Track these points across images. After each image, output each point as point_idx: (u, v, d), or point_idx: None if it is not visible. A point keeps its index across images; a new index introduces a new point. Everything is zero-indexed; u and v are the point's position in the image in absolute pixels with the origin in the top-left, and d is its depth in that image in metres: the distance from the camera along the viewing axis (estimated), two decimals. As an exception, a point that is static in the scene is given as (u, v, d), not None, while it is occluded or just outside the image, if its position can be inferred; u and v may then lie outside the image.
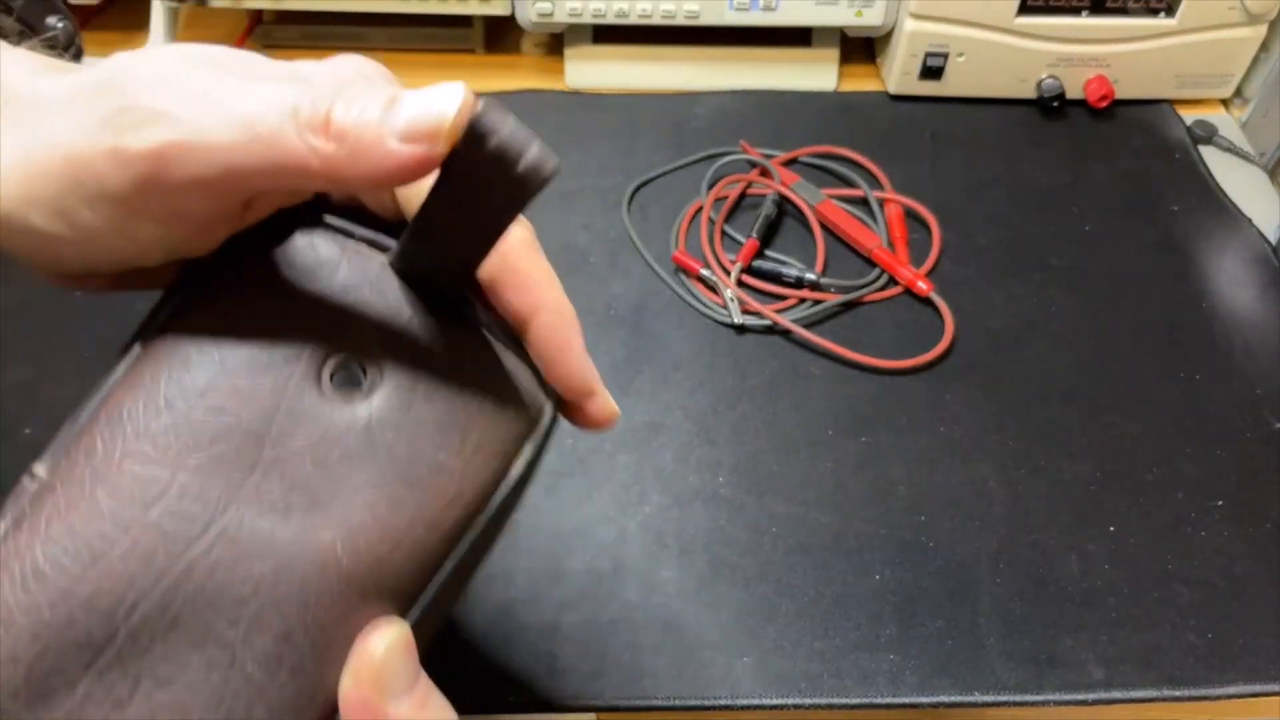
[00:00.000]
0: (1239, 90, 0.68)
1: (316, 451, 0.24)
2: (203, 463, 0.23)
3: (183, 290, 0.25)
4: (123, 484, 0.23)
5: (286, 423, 0.24)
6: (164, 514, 0.22)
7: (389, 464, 0.24)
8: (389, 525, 0.24)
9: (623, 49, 0.69)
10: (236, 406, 0.23)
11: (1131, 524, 0.45)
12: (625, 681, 0.40)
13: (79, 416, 0.25)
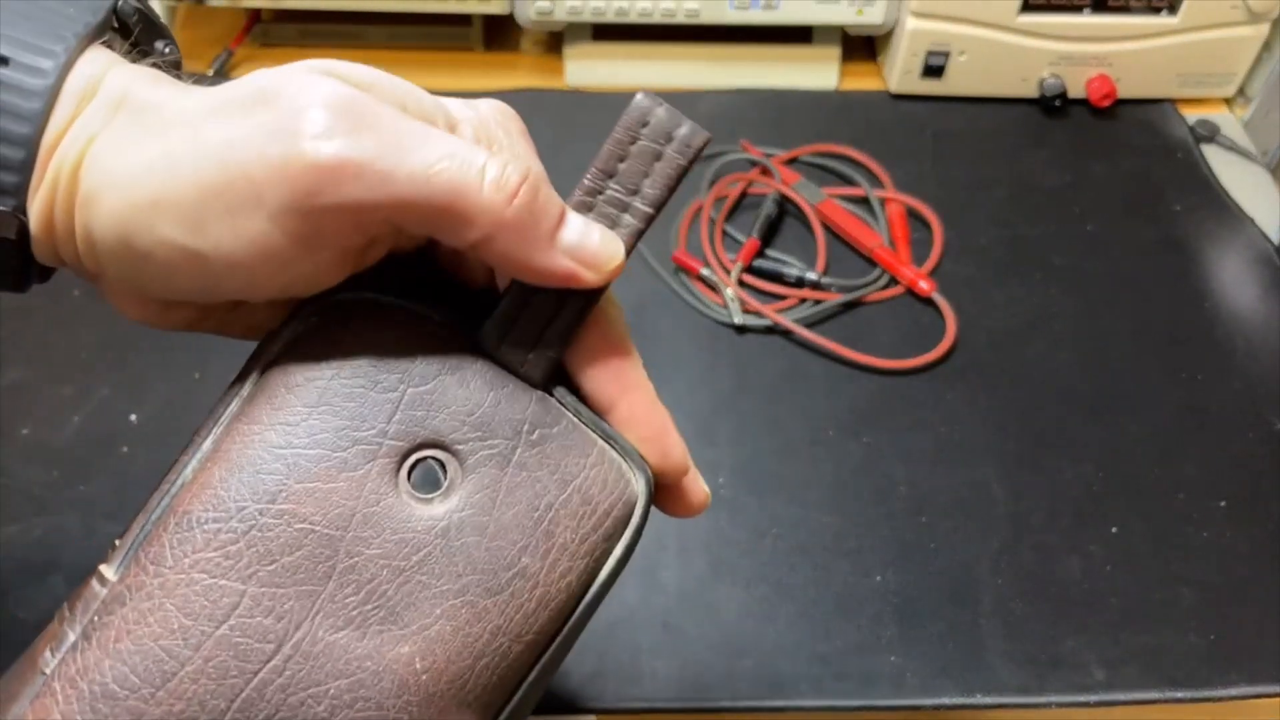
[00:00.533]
0: (1241, 89, 0.68)
1: (393, 558, 0.23)
2: (275, 573, 0.22)
3: (262, 364, 0.25)
4: (192, 597, 0.22)
5: (363, 527, 0.23)
6: (236, 630, 0.22)
7: (469, 570, 0.23)
8: (470, 637, 0.23)
9: (622, 47, 0.69)
10: (310, 511, 0.22)
11: (1133, 525, 0.45)
12: (625, 682, 0.40)
13: (150, 510, 0.24)
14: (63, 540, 0.44)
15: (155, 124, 0.22)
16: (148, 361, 0.50)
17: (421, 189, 0.22)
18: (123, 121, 0.23)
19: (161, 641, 0.22)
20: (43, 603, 0.42)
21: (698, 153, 0.27)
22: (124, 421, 0.48)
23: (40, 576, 0.42)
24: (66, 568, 0.43)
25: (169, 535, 0.23)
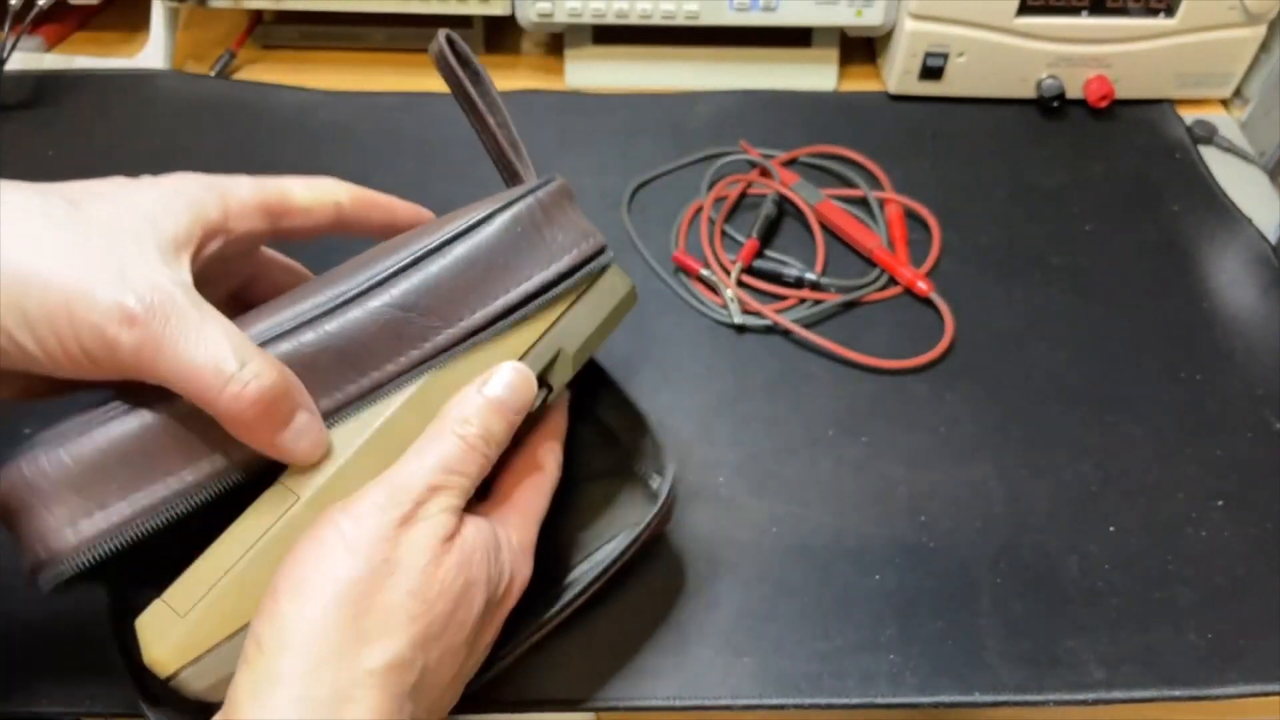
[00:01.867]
0: (1239, 90, 0.68)
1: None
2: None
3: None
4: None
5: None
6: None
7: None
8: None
9: (623, 49, 0.69)
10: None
11: (1132, 524, 0.45)
12: (625, 681, 0.40)
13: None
14: (64, 539, 0.44)
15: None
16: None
17: (179, 378, 0.29)
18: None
19: None
20: (44, 602, 0.42)
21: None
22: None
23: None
24: (68, 567, 0.43)
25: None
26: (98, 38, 0.72)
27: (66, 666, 0.40)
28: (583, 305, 0.36)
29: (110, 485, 0.30)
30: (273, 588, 0.29)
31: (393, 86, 0.68)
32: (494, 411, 0.33)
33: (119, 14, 0.73)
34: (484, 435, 0.33)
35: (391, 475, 0.31)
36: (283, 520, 0.31)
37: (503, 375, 0.34)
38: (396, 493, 0.31)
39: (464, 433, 0.32)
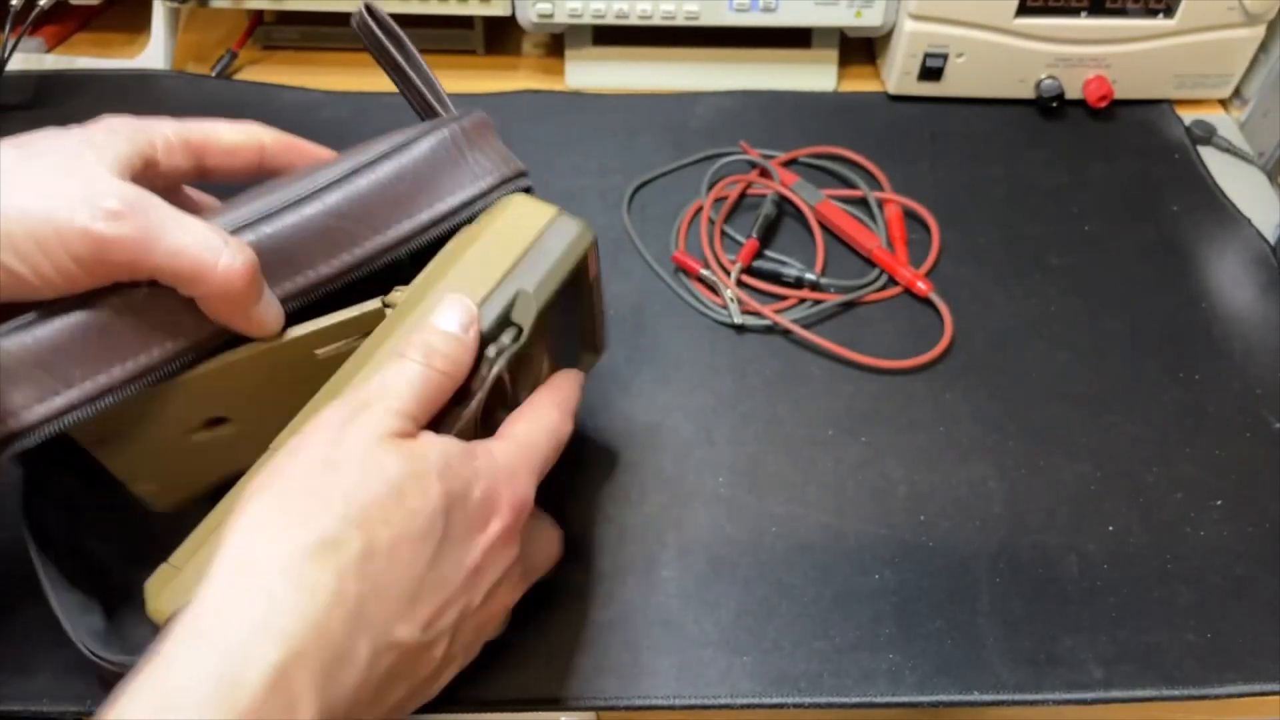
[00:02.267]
0: (1238, 90, 0.69)
1: None
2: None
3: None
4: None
5: None
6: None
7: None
8: None
9: (623, 50, 0.69)
10: None
11: (1131, 524, 0.45)
12: (625, 681, 0.40)
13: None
14: (65, 539, 0.44)
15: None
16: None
17: (173, 259, 0.32)
18: None
19: None
20: (46, 602, 0.42)
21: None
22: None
23: (43, 575, 0.43)
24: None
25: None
26: (99, 39, 0.72)
27: (67, 666, 0.40)
28: (536, 250, 0.37)
29: (73, 367, 0.33)
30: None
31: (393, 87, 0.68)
32: (431, 329, 0.33)
33: (120, 15, 0.73)
34: (424, 348, 0.33)
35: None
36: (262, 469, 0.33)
37: (449, 307, 0.34)
38: (341, 405, 0.32)
39: (403, 350, 0.33)
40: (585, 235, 0.39)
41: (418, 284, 0.36)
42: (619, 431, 0.49)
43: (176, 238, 0.32)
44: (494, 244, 0.37)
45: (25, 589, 0.42)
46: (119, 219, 0.31)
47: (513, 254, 0.37)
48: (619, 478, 0.47)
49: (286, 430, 0.34)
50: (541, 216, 0.38)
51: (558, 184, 0.62)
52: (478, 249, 0.37)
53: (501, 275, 0.36)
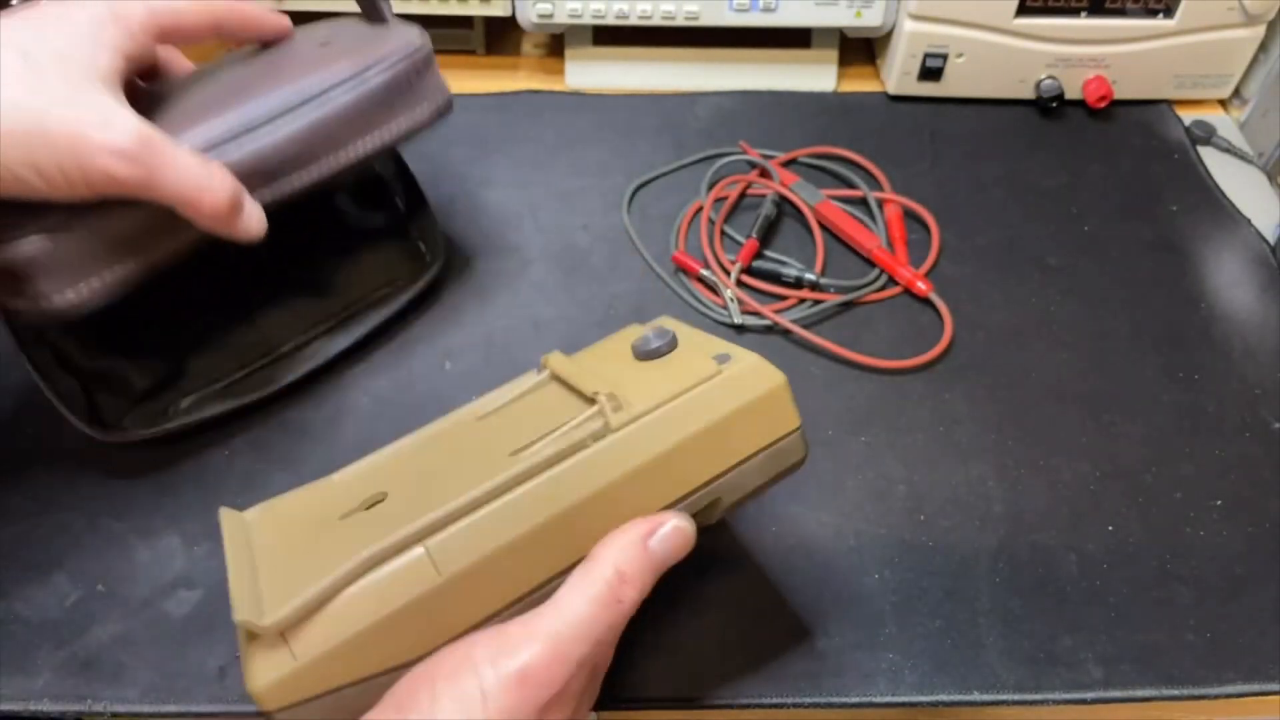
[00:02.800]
0: (1237, 91, 0.69)
1: None
2: None
3: None
4: None
5: None
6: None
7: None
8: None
9: (623, 50, 0.69)
10: None
11: (1130, 524, 0.45)
12: (624, 681, 0.40)
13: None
14: (66, 539, 0.44)
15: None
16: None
17: (170, 195, 0.38)
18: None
19: None
20: (46, 602, 0.42)
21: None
22: (126, 421, 0.48)
23: (43, 575, 0.43)
24: (69, 566, 0.43)
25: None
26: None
27: (67, 666, 0.40)
28: (760, 458, 0.35)
29: (94, 263, 0.39)
30: (405, 695, 0.30)
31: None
32: (653, 572, 0.32)
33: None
34: (636, 600, 0.31)
35: (551, 627, 0.30)
36: (418, 595, 0.30)
37: (675, 536, 0.32)
38: (545, 666, 0.29)
39: (623, 597, 0.31)
40: (802, 463, 0.36)
41: (644, 416, 0.33)
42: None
43: (172, 178, 0.37)
44: (733, 431, 0.34)
45: (26, 590, 0.42)
46: (131, 161, 0.36)
47: (742, 452, 0.34)
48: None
49: (470, 566, 0.31)
50: (786, 424, 0.35)
51: (558, 184, 0.62)
52: (717, 428, 0.33)
53: (720, 473, 0.34)
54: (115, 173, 0.36)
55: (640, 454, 0.32)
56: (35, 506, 0.45)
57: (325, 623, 0.30)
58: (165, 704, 0.39)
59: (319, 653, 0.30)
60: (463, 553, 0.31)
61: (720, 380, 0.34)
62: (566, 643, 0.30)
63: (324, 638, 0.30)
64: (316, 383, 0.50)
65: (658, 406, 0.33)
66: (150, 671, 0.40)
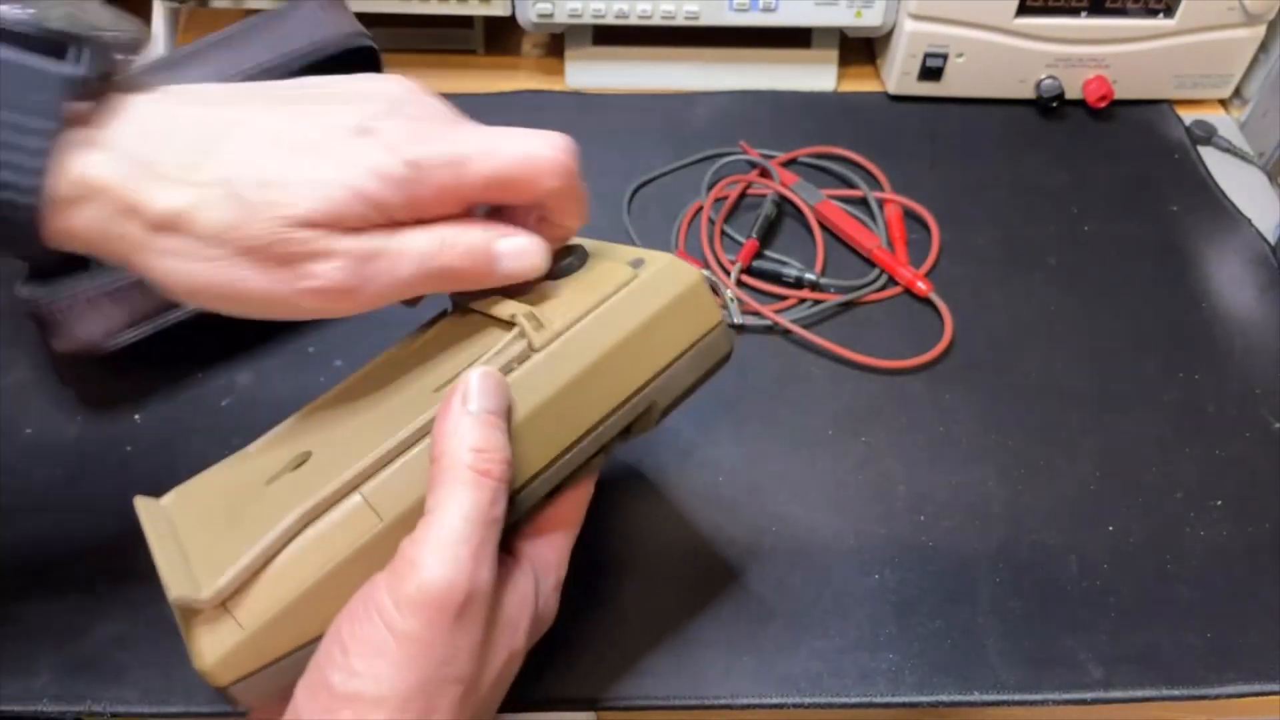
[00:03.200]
0: (1238, 90, 0.69)
1: None
2: None
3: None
4: None
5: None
6: None
7: None
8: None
9: (623, 49, 0.69)
10: None
11: (1131, 524, 0.45)
12: (625, 680, 0.40)
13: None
14: (66, 539, 0.44)
15: (186, 248, 0.29)
16: (150, 361, 0.51)
17: (403, 294, 0.32)
18: (142, 232, 0.29)
19: None
20: (46, 601, 0.42)
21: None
22: (127, 421, 0.48)
23: (44, 575, 0.43)
24: (70, 566, 0.43)
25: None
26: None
27: (67, 666, 0.40)
28: (688, 358, 0.34)
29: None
30: (327, 678, 0.28)
31: (393, 87, 0.68)
32: (491, 426, 0.30)
33: (120, 15, 0.73)
34: (496, 453, 0.30)
35: (430, 536, 0.28)
36: (361, 544, 0.29)
37: (484, 384, 0.30)
38: (443, 571, 0.28)
39: (478, 464, 0.29)
40: (729, 357, 0.36)
41: (566, 332, 0.32)
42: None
43: (391, 280, 0.31)
44: (657, 335, 0.33)
45: (26, 590, 0.42)
46: (344, 296, 0.31)
47: (669, 355, 0.33)
48: (619, 478, 0.47)
49: (409, 508, 0.30)
50: (708, 319, 0.34)
51: (558, 184, 0.62)
52: (640, 335, 0.32)
53: (650, 378, 0.33)
54: (331, 310, 0.30)
55: (569, 369, 0.31)
56: (35, 507, 0.45)
57: (268, 586, 0.29)
58: (165, 704, 0.39)
59: (267, 618, 0.28)
60: (401, 495, 0.29)
61: (637, 285, 0.33)
62: (451, 544, 0.28)
63: (269, 601, 0.28)
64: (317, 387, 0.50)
65: (579, 319, 0.32)
66: (150, 671, 0.40)
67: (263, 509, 0.30)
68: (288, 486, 0.31)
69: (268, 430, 0.36)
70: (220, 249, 0.29)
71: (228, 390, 0.50)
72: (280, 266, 0.29)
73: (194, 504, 0.33)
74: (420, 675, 0.28)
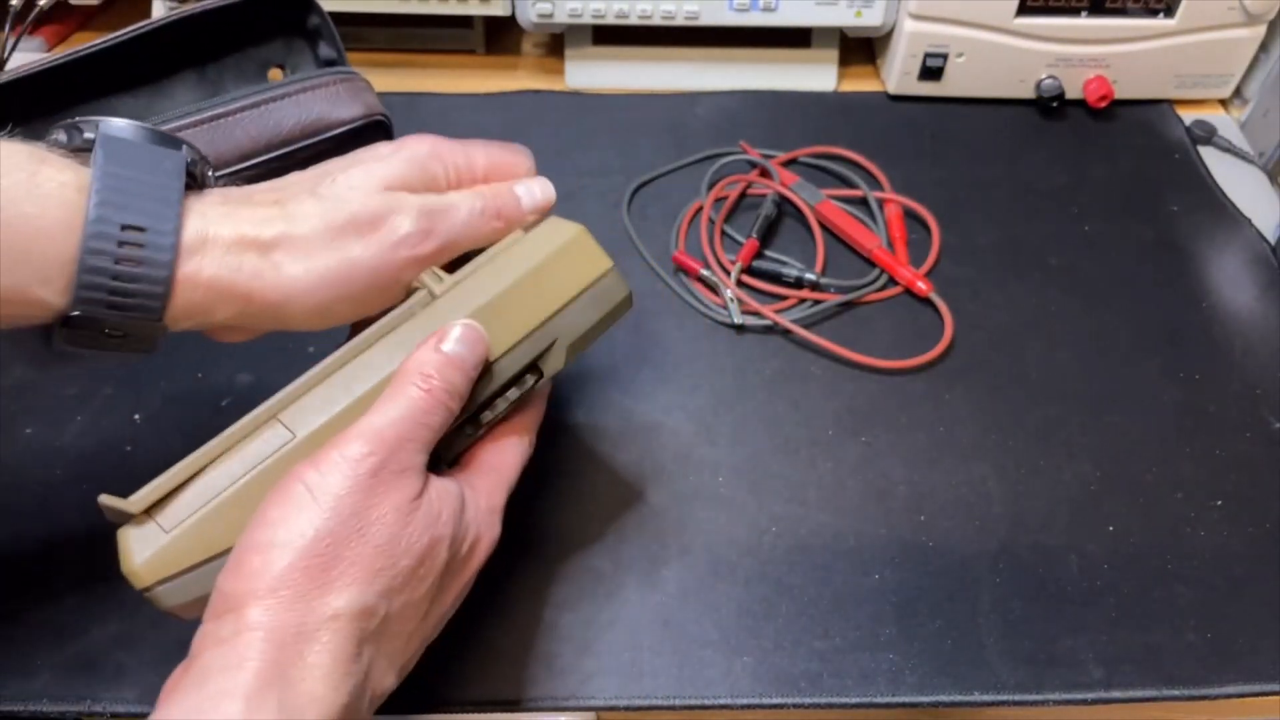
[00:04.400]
0: (1238, 90, 0.69)
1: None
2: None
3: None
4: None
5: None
6: None
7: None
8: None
9: (623, 49, 0.69)
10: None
11: (1131, 524, 0.45)
12: (624, 681, 0.40)
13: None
14: (66, 539, 0.44)
15: (297, 250, 0.34)
16: (150, 361, 0.51)
17: (467, 237, 0.38)
18: (258, 258, 0.34)
19: None
20: (46, 601, 0.42)
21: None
22: (128, 420, 0.48)
23: (45, 575, 0.43)
24: (70, 567, 0.43)
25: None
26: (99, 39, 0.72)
27: (67, 666, 0.40)
28: (583, 300, 0.38)
29: None
30: (241, 542, 0.31)
31: (394, 87, 0.68)
32: (452, 366, 0.34)
33: (120, 15, 0.73)
34: (446, 388, 0.34)
35: (359, 426, 0.32)
36: (275, 456, 0.33)
37: (457, 331, 0.35)
38: (365, 443, 0.32)
39: (427, 386, 0.33)
40: (628, 302, 0.40)
41: (462, 280, 0.37)
42: (619, 431, 0.49)
43: (461, 226, 0.38)
44: (547, 280, 0.37)
45: (26, 590, 0.42)
46: (426, 239, 0.37)
47: (562, 297, 0.38)
48: (619, 478, 0.47)
49: (321, 425, 0.34)
50: (598, 266, 0.39)
51: (558, 184, 0.61)
52: (530, 279, 0.37)
53: (546, 317, 0.37)
54: (419, 260, 0.36)
55: (465, 309, 0.36)
56: (35, 507, 0.45)
57: (190, 496, 0.32)
58: (165, 704, 0.39)
59: (188, 523, 0.31)
60: (314, 414, 0.33)
61: (525, 239, 0.38)
62: (380, 429, 0.32)
63: (191, 508, 0.32)
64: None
65: (473, 272, 0.37)
66: (150, 672, 0.40)
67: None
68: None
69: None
70: (323, 236, 0.34)
71: (228, 390, 0.50)
72: (373, 230, 0.35)
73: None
74: (332, 524, 0.30)
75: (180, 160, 0.34)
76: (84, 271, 0.31)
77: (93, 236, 0.31)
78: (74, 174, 0.32)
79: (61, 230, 0.31)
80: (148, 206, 0.32)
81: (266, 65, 0.54)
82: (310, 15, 0.54)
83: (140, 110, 0.50)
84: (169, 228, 0.32)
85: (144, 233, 0.32)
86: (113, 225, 0.31)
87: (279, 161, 0.47)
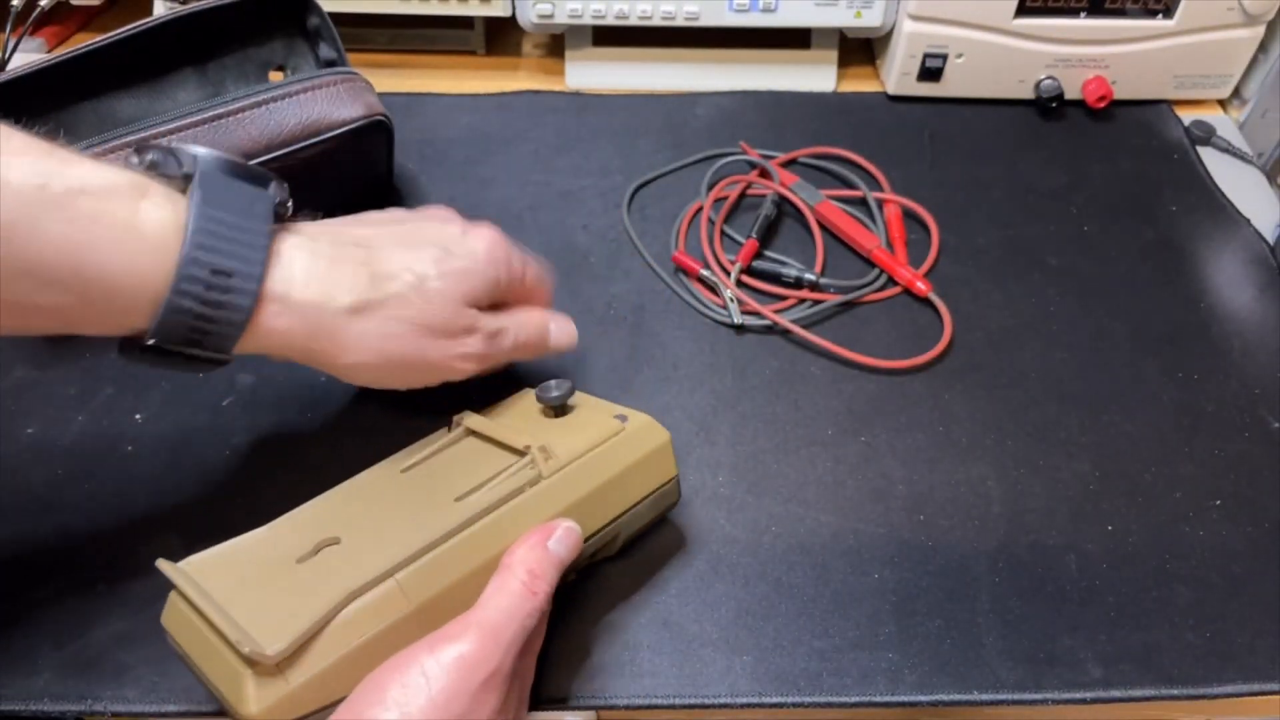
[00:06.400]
0: (1237, 91, 0.69)
1: None
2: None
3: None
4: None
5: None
6: None
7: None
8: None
9: (623, 50, 0.70)
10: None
11: (1130, 523, 0.45)
12: (625, 680, 0.40)
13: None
14: (66, 539, 0.44)
15: (378, 324, 0.37)
16: (150, 362, 0.51)
17: (506, 358, 0.42)
18: (334, 318, 0.36)
19: None
20: (46, 601, 0.42)
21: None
22: (128, 420, 0.48)
23: (45, 575, 0.43)
24: (71, 567, 0.43)
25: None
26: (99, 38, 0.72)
27: (67, 666, 0.40)
28: (649, 501, 0.41)
29: None
30: (357, 708, 0.32)
31: (394, 88, 0.68)
32: (554, 566, 0.36)
33: (121, 15, 0.73)
34: (548, 589, 0.36)
35: (475, 618, 0.34)
36: (393, 622, 0.34)
37: (567, 537, 0.37)
38: (480, 645, 0.33)
39: (534, 588, 0.35)
40: (676, 503, 0.44)
41: (566, 467, 0.39)
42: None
43: (515, 345, 0.43)
44: (631, 480, 0.40)
45: (26, 590, 0.42)
46: (482, 361, 0.41)
47: (636, 497, 0.41)
48: (619, 477, 0.47)
49: (434, 596, 0.35)
50: (668, 473, 0.42)
51: (558, 184, 0.62)
52: (620, 478, 0.40)
53: (620, 514, 0.40)
54: (470, 370, 0.40)
55: (564, 498, 0.38)
56: (36, 507, 0.45)
57: (315, 651, 0.33)
58: (165, 704, 0.39)
59: (310, 676, 0.33)
60: (428, 583, 0.35)
61: (622, 437, 0.40)
62: (495, 628, 0.34)
63: (313, 664, 0.33)
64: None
65: (577, 458, 0.39)
66: (150, 671, 0.40)
67: (302, 583, 0.35)
68: (322, 565, 0.36)
69: (267, 431, 0.39)
70: (408, 325, 0.37)
71: (228, 390, 0.50)
72: (448, 338, 0.39)
73: (223, 571, 0.37)
74: (444, 717, 0.32)
75: (269, 201, 0.36)
76: (168, 311, 0.33)
77: (184, 279, 0.32)
78: (172, 210, 0.33)
79: (155, 272, 0.32)
80: (238, 251, 0.33)
81: (267, 65, 0.54)
82: (310, 16, 0.54)
83: (141, 110, 0.50)
84: (255, 273, 0.34)
85: (231, 278, 0.33)
86: (204, 269, 0.33)
87: (280, 161, 0.48)
